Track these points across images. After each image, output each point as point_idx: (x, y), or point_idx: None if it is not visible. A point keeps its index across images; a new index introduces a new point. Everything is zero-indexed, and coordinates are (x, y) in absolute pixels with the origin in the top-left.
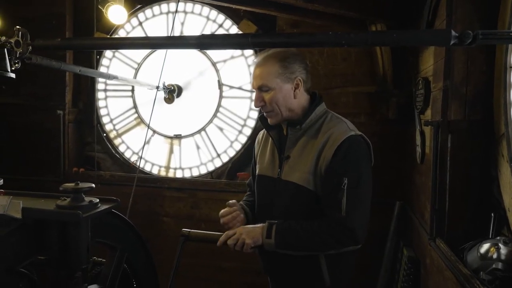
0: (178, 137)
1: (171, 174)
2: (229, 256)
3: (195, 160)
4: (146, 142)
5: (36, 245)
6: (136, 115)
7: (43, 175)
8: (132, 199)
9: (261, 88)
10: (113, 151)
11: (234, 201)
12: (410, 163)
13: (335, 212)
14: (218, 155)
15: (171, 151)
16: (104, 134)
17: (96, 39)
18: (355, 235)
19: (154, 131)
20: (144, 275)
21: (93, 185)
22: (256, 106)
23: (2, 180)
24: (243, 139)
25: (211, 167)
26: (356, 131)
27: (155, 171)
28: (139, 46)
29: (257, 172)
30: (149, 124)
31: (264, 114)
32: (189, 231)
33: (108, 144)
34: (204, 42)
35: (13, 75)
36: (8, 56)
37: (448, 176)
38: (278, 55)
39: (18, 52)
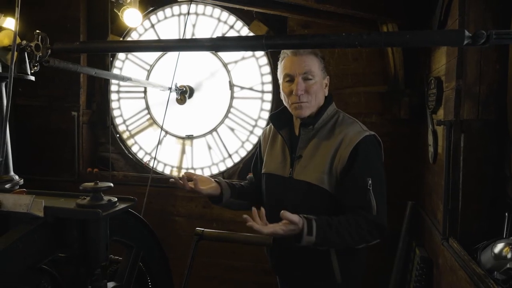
0: (190, 137)
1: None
2: (240, 255)
3: (206, 161)
4: (159, 143)
5: (57, 242)
6: (148, 116)
7: (59, 175)
8: (146, 198)
9: (306, 74)
10: (126, 152)
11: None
12: (422, 163)
13: (368, 212)
14: (230, 156)
15: (183, 152)
16: (117, 135)
17: (113, 42)
18: (384, 232)
19: (166, 132)
20: (158, 274)
21: (112, 184)
22: (297, 94)
23: (22, 180)
24: (254, 139)
25: (222, 168)
26: (369, 131)
27: (167, 171)
28: (155, 48)
29: (264, 170)
30: (162, 125)
31: (297, 105)
32: (203, 230)
33: (121, 145)
34: (218, 44)
35: (33, 78)
36: (28, 59)
37: (461, 176)
38: (316, 51)
39: (38, 56)
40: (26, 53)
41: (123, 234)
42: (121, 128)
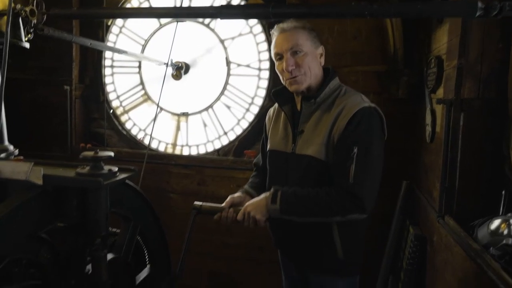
0: (185, 114)
1: (177, 151)
2: (235, 232)
3: (202, 138)
4: (153, 119)
5: (56, 211)
6: (143, 91)
7: (51, 150)
8: (142, 174)
9: (293, 50)
10: (120, 128)
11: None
12: (418, 143)
13: (343, 179)
14: (225, 133)
15: (178, 128)
16: (111, 111)
17: (113, 8)
18: (361, 203)
19: (161, 108)
20: (156, 247)
21: (112, 154)
22: (288, 70)
23: (17, 150)
24: (250, 117)
25: (218, 145)
26: (370, 103)
27: (161, 148)
28: (157, 15)
29: (268, 147)
30: (158, 102)
31: (291, 80)
32: (201, 204)
33: (115, 121)
34: (223, 12)
35: (27, 45)
36: (22, 26)
37: (459, 154)
38: (302, 24)
39: (32, 22)
40: (20, 18)
41: (122, 207)
42: (115, 103)
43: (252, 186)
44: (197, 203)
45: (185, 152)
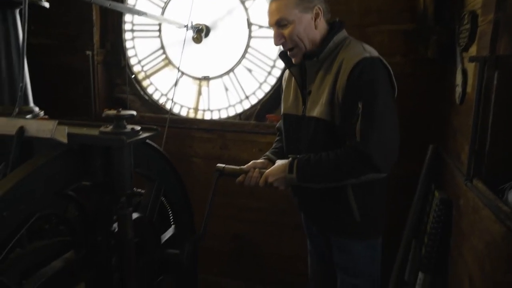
0: (206, 78)
1: (199, 116)
2: (258, 196)
3: (223, 102)
4: (175, 84)
5: (81, 170)
6: (164, 56)
7: (75, 116)
8: (163, 140)
9: (279, 23)
10: (142, 93)
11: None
12: (447, 105)
13: (351, 138)
14: (247, 97)
15: (199, 93)
16: (133, 76)
17: None
18: (371, 161)
19: (183, 73)
20: (180, 208)
21: (135, 112)
22: (276, 44)
23: (42, 112)
24: (272, 80)
25: (239, 109)
26: (374, 53)
27: (183, 113)
28: None
29: (282, 111)
30: (179, 66)
31: (288, 53)
32: (224, 166)
33: (137, 86)
34: None
35: (46, 4)
36: None
37: (491, 116)
38: None
39: None
40: None
41: (146, 167)
42: (136, 68)
43: (274, 152)
44: (220, 165)
45: (207, 116)
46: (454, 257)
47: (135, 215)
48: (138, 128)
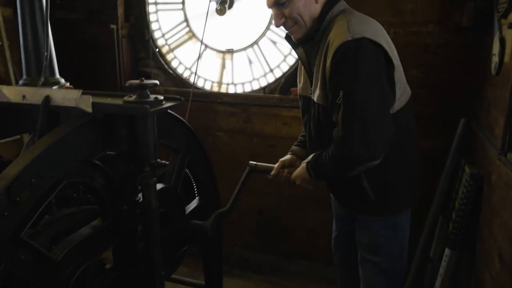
0: (230, 51)
1: (223, 89)
2: None
3: (247, 75)
4: (198, 57)
5: (107, 139)
6: (187, 29)
7: (101, 90)
8: (187, 113)
9: (277, 2)
10: (166, 67)
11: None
12: (481, 76)
13: (336, 130)
14: (271, 70)
15: (223, 66)
16: (157, 49)
17: None
18: (355, 154)
19: (206, 46)
20: (204, 180)
21: (158, 82)
22: (277, 25)
23: (68, 83)
24: None
25: (263, 83)
26: (360, 33)
27: (207, 86)
28: None
29: (298, 92)
30: (202, 38)
31: (288, 32)
32: (256, 164)
33: (161, 59)
34: None
35: None
36: None
37: None
38: None
39: None
40: None
41: (170, 138)
42: (160, 42)
43: (300, 144)
44: (252, 162)
45: (231, 90)
46: (483, 234)
47: (159, 186)
48: (161, 97)
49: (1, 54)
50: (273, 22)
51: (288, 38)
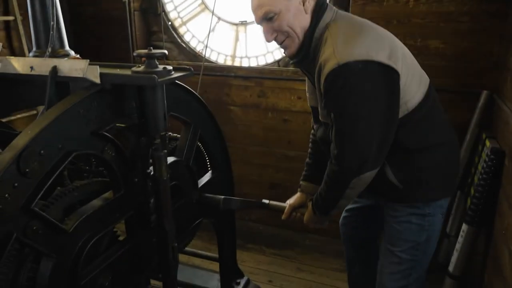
0: (244, 23)
1: (237, 63)
2: (295, 144)
3: (261, 49)
4: (211, 30)
5: (116, 111)
6: (200, 0)
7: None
8: (199, 87)
9: (266, 17)
10: (179, 40)
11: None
12: (506, 46)
13: (332, 147)
14: None
15: (236, 39)
16: (169, 23)
17: None
18: (342, 167)
19: (219, 18)
20: (217, 153)
21: (166, 51)
22: (268, 41)
23: (78, 55)
24: None
25: (278, 56)
26: (345, 58)
27: (221, 60)
28: None
29: (308, 103)
30: (213, 9)
31: (280, 47)
32: (269, 202)
33: (174, 33)
34: None
35: None
36: None
37: None
38: None
39: None
40: None
41: (181, 111)
42: (173, 15)
43: (308, 175)
44: (265, 200)
45: (245, 64)
46: (502, 210)
47: (171, 159)
48: (170, 67)
49: (14, 28)
50: None
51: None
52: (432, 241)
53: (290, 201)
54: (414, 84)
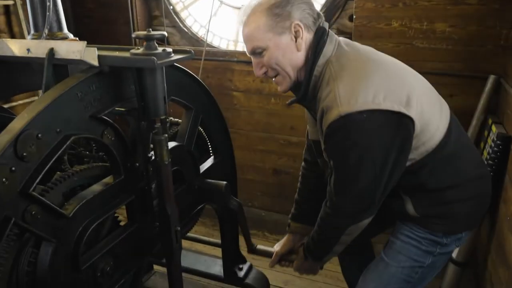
0: None
1: (239, 48)
2: (298, 130)
3: None
4: (213, 14)
5: (115, 94)
6: None
7: None
8: (201, 73)
9: (254, 51)
10: (181, 25)
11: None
12: None
13: (328, 193)
14: None
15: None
16: (171, 7)
17: None
18: (346, 219)
19: (221, 2)
20: (219, 139)
21: (165, 33)
22: (257, 75)
23: (77, 39)
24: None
25: None
26: (348, 108)
27: (223, 45)
28: None
29: (309, 136)
30: None
31: (273, 80)
32: (256, 246)
33: (176, 18)
34: None
35: None
36: None
37: None
38: (264, 3)
39: None
40: None
41: (182, 95)
42: None
43: (297, 217)
44: (253, 245)
45: None
46: (507, 196)
47: (172, 144)
48: (170, 49)
49: (14, 13)
50: None
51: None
52: (435, 269)
53: (278, 247)
54: (433, 122)
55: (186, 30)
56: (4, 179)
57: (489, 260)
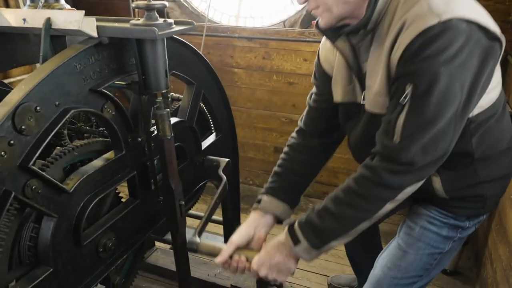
0: None
1: (241, 23)
2: (300, 107)
3: (266, 8)
4: None
5: (115, 67)
6: None
7: None
8: (202, 49)
9: None
10: (181, 0)
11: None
12: None
13: (386, 139)
14: (292, 2)
15: None
16: None
17: None
18: (411, 170)
19: None
20: (221, 116)
21: (166, 2)
22: (300, 3)
23: (74, 9)
24: None
25: (283, 16)
26: (448, 12)
27: (224, 20)
28: None
29: (334, 98)
30: None
31: (312, 12)
32: (199, 242)
33: None
34: None
35: None
36: None
37: None
38: None
39: None
40: None
41: (183, 69)
42: None
43: (275, 190)
44: (196, 239)
45: (249, 24)
46: None
47: (174, 119)
48: (171, 20)
49: None
50: None
51: (318, 26)
52: (452, 254)
53: (234, 236)
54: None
55: (186, 5)
56: (2, 153)
57: (490, 238)
